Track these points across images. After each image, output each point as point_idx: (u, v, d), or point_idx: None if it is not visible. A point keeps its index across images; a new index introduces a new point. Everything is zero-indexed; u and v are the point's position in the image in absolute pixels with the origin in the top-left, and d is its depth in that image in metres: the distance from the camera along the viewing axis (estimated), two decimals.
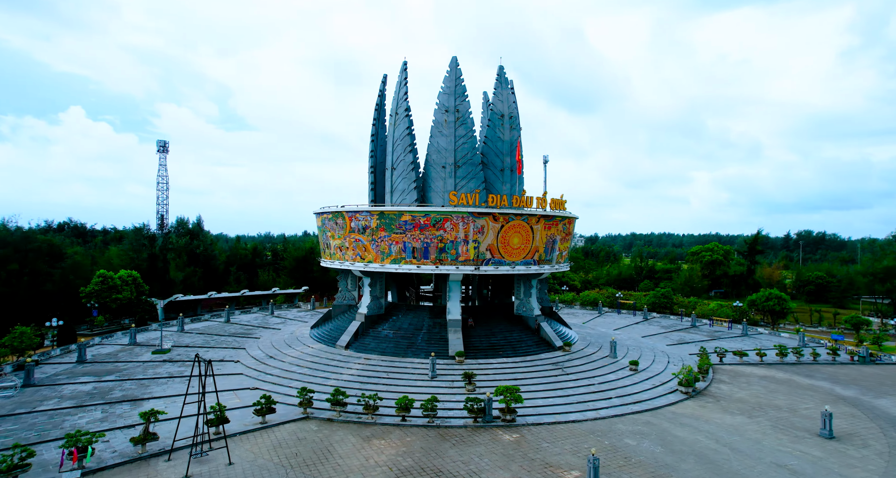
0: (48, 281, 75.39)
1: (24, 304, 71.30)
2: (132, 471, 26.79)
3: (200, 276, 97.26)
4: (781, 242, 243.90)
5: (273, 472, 26.77)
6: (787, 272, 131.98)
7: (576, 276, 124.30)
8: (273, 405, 34.06)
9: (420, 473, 26.88)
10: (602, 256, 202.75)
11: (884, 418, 37.11)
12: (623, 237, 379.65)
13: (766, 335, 68.45)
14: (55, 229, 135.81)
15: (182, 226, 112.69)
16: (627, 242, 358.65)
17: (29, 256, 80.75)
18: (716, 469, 27.91)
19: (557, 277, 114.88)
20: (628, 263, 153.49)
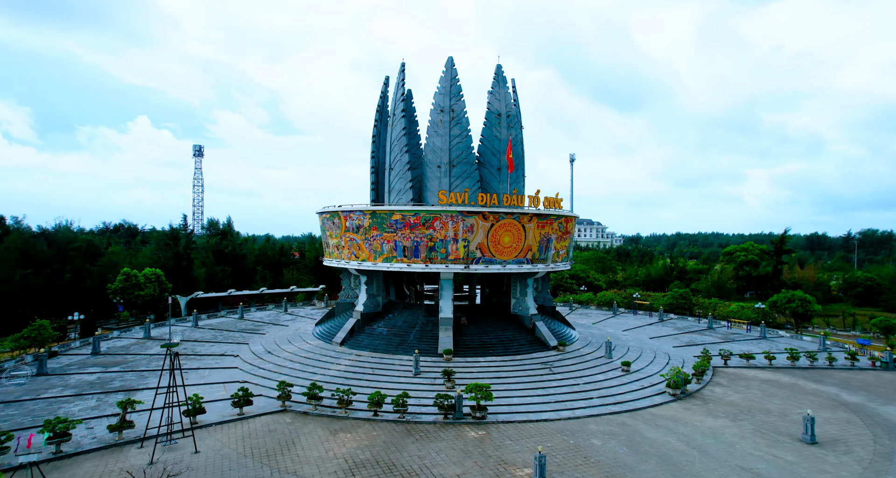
0: (88, 278, 79.95)
1: (62, 299, 76.05)
2: (105, 456, 28.40)
3: (229, 274, 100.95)
4: (840, 241, 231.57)
5: (233, 461, 27.87)
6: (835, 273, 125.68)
7: (601, 276, 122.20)
8: (250, 398, 35.31)
9: (373, 466, 27.43)
10: (635, 255, 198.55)
11: (883, 425, 35.26)
12: (667, 237, 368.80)
13: (787, 338, 65.71)
14: (111, 231, 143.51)
15: (213, 226, 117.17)
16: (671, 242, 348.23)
17: (70, 255, 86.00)
18: (675, 471, 27.31)
19: (581, 278, 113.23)
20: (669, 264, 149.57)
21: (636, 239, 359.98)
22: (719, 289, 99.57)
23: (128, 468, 26.65)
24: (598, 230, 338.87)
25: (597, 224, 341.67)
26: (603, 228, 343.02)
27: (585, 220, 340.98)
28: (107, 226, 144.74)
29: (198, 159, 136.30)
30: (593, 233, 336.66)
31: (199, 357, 49.35)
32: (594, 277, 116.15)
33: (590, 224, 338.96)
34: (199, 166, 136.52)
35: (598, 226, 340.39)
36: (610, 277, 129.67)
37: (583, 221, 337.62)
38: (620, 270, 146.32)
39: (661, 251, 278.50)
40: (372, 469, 26.97)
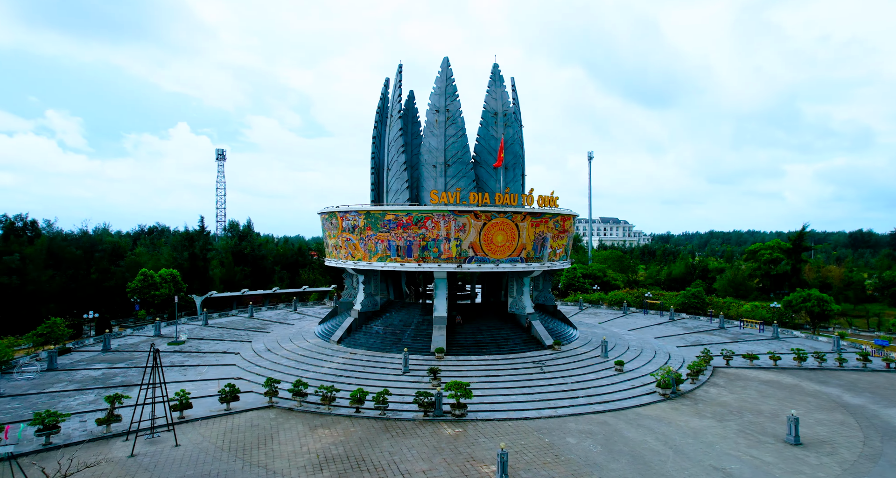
0: (111, 278, 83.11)
1: (86, 298, 79.30)
2: (90, 448, 29.63)
3: (248, 274, 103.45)
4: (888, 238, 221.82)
5: (210, 454, 28.77)
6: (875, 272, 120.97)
7: (619, 276, 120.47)
8: (237, 394, 36.26)
9: (343, 461, 27.96)
10: (660, 254, 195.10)
11: (879, 427, 34.11)
12: (700, 235, 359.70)
13: (802, 339, 63.85)
14: (146, 233, 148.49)
15: (234, 228, 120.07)
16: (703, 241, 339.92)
17: (95, 256, 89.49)
18: (644, 470, 27.04)
19: (598, 277, 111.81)
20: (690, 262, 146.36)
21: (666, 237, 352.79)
22: (737, 288, 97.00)
23: (111, 460, 27.82)
24: (624, 229, 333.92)
25: (623, 222, 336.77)
26: (630, 226, 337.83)
27: (612, 218, 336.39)
28: (142, 228, 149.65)
29: (220, 163, 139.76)
30: (620, 231, 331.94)
31: (202, 354, 50.83)
32: (612, 277, 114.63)
33: (616, 223, 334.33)
34: (222, 170, 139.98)
35: (624, 224, 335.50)
36: (630, 277, 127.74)
37: (609, 219, 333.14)
38: (643, 269, 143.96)
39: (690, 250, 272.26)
40: (341, 464, 27.51)
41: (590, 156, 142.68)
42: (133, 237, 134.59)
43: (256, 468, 26.85)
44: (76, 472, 24.49)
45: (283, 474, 26.34)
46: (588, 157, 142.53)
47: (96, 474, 26.23)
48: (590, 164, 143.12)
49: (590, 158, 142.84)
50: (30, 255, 76.62)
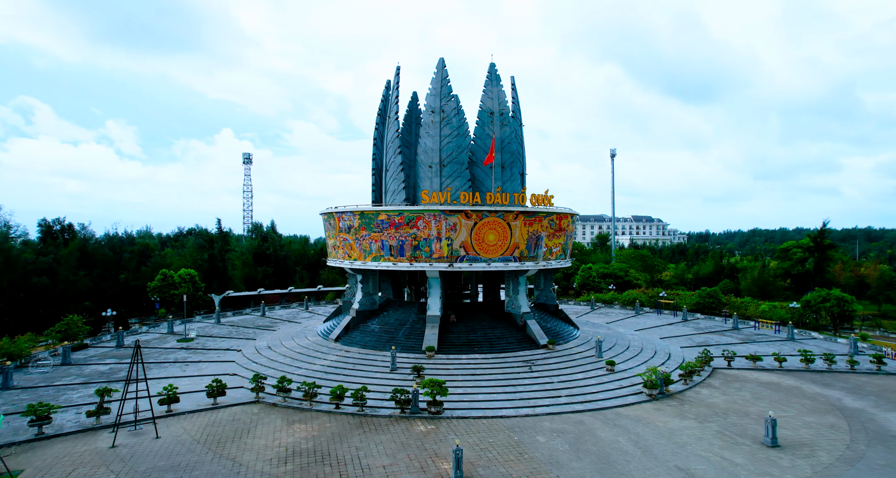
0: (139, 278, 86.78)
1: (114, 297, 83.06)
2: (78, 439, 31.28)
3: (270, 274, 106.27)
4: None
5: (185, 446, 29.96)
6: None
7: (641, 275, 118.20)
8: (224, 389, 37.53)
9: (310, 454, 28.70)
10: (691, 253, 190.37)
11: (871, 431, 32.80)
12: (742, 234, 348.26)
13: (819, 341, 61.59)
14: (185, 234, 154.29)
15: (257, 230, 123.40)
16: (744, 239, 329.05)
17: (124, 257, 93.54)
18: (605, 470, 26.84)
19: (618, 276, 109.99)
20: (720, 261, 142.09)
21: (705, 236, 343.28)
22: (763, 288, 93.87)
23: (93, 450, 29.35)
24: (658, 227, 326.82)
25: (657, 221, 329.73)
26: (664, 225, 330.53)
27: (644, 217, 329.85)
28: (180, 230, 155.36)
29: (247, 167, 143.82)
30: (653, 230, 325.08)
31: (206, 351, 52.67)
32: (634, 276, 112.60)
33: (649, 221, 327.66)
34: (249, 173, 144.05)
35: (658, 223, 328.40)
36: (654, 277, 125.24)
37: (641, 218, 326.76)
38: (672, 268, 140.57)
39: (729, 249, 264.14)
40: (306, 458, 28.26)
41: (612, 153, 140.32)
42: (172, 239, 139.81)
43: (224, 461, 27.86)
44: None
45: (249, 466, 27.26)
46: (611, 154, 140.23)
47: (74, 463, 27.72)
48: (612, 161, 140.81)
49: (612, 155, 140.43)
50: (63, 256, 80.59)
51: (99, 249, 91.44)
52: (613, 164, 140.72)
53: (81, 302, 75.84)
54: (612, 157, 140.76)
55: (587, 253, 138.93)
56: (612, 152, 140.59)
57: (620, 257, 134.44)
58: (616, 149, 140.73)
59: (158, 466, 27.23)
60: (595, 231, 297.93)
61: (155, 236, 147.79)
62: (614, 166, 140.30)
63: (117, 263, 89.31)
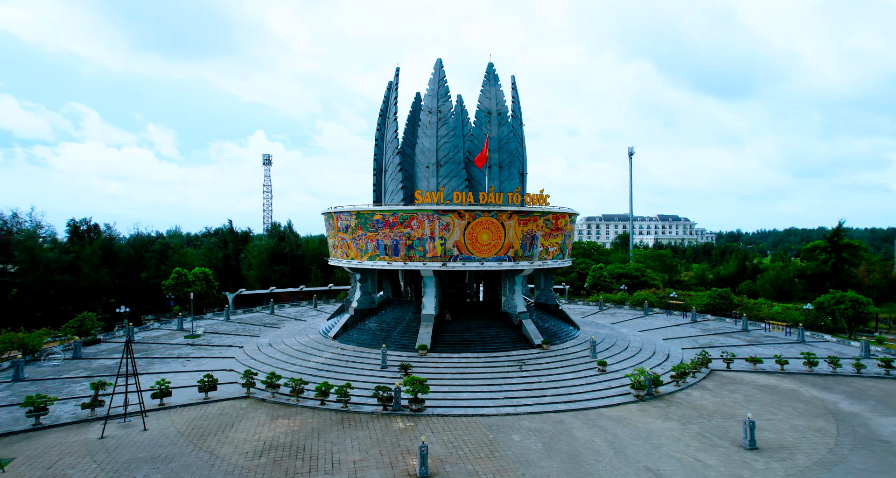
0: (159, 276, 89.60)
1: (135, 294, 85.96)
2: (71, 430, 32.66)
3: (286, 273, 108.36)
4: None
5: (171, 439, 31.02)
6: None
7: (658, 275, 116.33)
8: (215, 384, 38.64)
9: (285, 449, 29.43)
10: (715, 253, 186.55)
11: (860, 435, 31.94)
12: (776, 233, 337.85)
13: (832, 343, 59.91)
14: (212, 234, 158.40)
15: (274, 229, 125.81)
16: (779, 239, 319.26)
17: (145, 256, 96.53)
18: (573, 469, 26.85)
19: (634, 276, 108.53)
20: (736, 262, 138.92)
21: (736, 235, 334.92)
22: (780, 289, 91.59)
23: (82, 441, 30.67)
24: (685, 226, 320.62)
25: (684, 220, 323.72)
26: (691, 224, 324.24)
27: (671, 216, 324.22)
28: (208, 230, 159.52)
29: (267, 168, 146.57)
30: (679, 230, 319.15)
31: (210, 347, 54.13)
32: (650, 277, 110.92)
33: (675, 220, 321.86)
34: (268, 174, 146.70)
35: (685, 222, 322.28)
36: (672, 277, 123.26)
37: (667, 217, 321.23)
38: (696, 267, 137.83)
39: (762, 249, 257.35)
40: (281, 452, 29.00)
41: (630, 152, 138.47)
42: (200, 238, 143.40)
43: (202, 453, 28.78)
44: None
45: (225, 459, 28.12)
46: (629, 152, 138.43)
47: (62, 452, 29.01)
48: (630, 160, 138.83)
49: (630, 153, 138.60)
50: (87, 255, 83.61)
51: (122, 249, 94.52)
52: (631, 162, 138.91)
53: (103, 299, 78.67)
54: (629, 155, 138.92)
55: (605, 253, 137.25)
56: (629, 150, 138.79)
57: (638, 257, 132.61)
58: (634, 147, 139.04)
59: (139, 457, 28.29)
60: (619, 230, 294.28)
61: (183, 236, 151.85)
62: (632, 165, 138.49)
63: (139, 262, 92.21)
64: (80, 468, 26.88)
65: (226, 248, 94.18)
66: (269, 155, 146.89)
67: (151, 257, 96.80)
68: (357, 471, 26.64)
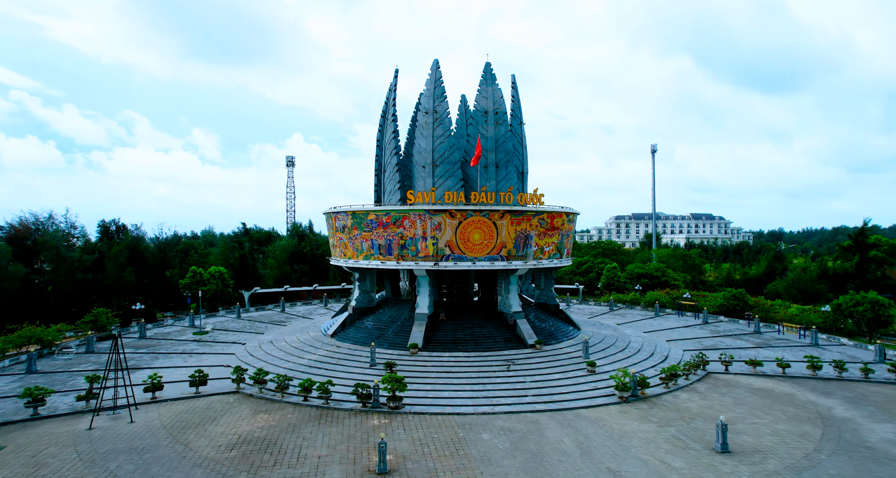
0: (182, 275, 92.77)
1: (157, 292, 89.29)
2: (65, 420, 34.32)
3: (306, 272, 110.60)
4: None
5: (154, 431, 32.28)
6: None
7: (680, 276, 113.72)
8: (206, 379, 39.95)
9: (257, 443, 30.27)
10: (746, 253, 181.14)
11: (845, 441, 30.86)
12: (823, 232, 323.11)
13: (847, 347, 57.70)
14: (243, 234, 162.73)
15: (295, 229, 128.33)
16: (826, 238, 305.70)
17: (169, 255, 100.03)
18: (533, 469, 26.83)
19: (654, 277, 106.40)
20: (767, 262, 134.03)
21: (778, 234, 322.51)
22: (803, 291, 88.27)
23: (71, 431, 32.24)
24: (719, 225, 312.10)
25: (718, 219, 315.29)
26: (727, 222, 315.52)
27: (704, 214, 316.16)
28: (239, 230, 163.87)
29: (290, 169, 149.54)
30: (714, 228, 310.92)
31: (214, 344, 55.83)
32: (671, 277, 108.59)
33: (709, 219, 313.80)
34: (291, 176, 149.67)
35: (719, 221, 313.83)
36: (696, 277, 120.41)
37: (700, 215, 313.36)
38: (726, 267, 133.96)
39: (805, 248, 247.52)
40: (252, 446, 29.85)
41: (653, 149, 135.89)
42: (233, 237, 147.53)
43: (178, 445, 29.88)
44: None
45: (197, 451, 29.13)
46: (651, 150, 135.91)
47: (50, 442, 30.56)
48: (653, 157, 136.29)
49: (653, 151, 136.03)
50: (114, 254, 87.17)
51: (147, 248, 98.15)
52: (654, 159, 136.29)
53: (126, 296, 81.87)
54: (652, 152, 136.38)
55: (625, 253, 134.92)
56: (652, 148, 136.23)
57: (661, 257, 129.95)
58: (657, 144, 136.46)
59: (118, 448, 29.58)
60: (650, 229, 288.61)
61: (217, 235, 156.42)
62: (655, 162, 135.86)
63: (163, 261, 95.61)
64: (61, 458, 28.30)
65: (241, 248, 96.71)
66: (292, 156, 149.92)
67: (175, 257, 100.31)
68: (319, 466, 27.25)
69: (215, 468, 26.81)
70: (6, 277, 61.92)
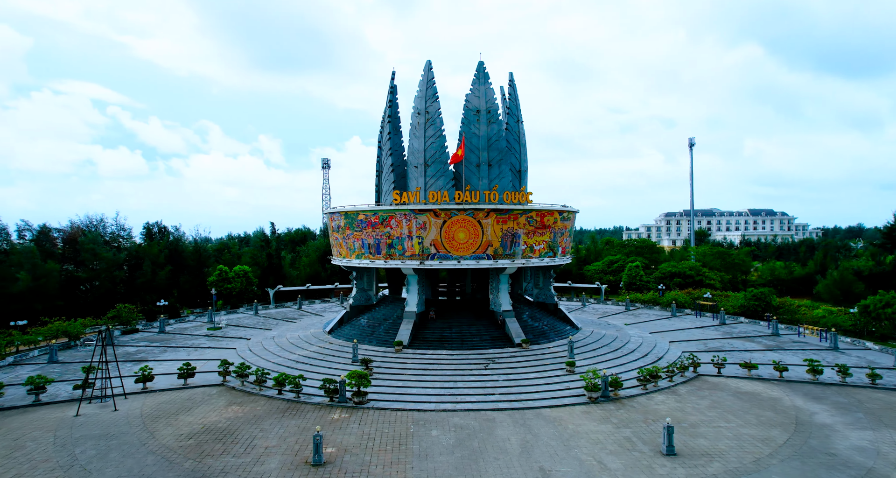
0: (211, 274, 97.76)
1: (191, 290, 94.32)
2: (60, 407, 37.25)
3: (338, 270, 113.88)
4: None
5: (131, 419, 34.62)
6: None
7: (717, 275, 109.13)
8: (194, 372, 42.27)
9: (216, 432, 31.96)
10: (803, 252, 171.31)
11: (808, 447, 29.40)
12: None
13: (873, 351, 54.21)
14: (292, 234, 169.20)
15: (327, 229, 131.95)
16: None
17: (203, 255, 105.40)
18: (466, 466, 27.14)
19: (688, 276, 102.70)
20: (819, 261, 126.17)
21: (857, 231, 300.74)
22: (844, 292, 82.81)
23: (60, 417, 35.09)
24: (781, 222, 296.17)
25: (780, 214, 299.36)
26: (790, 218, 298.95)
27: (763, 210, 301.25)
28: (288, 230, 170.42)
29: (325, 171, 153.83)
30: (775, 225, 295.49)
31: (223, 339, 58.68)
32: (708, 277, 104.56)
33: (769, 215, 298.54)
34: (327, 177, 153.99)
35: (781, 216, 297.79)
36: (737, 276, 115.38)
37: (759, 211, 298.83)
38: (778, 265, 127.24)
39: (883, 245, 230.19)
40: (211, 435, 31.56)
41: (691, 143, 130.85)
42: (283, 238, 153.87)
43: (144, 433, 31.97)
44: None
45: (159, 438, 31.10)
46: (689, 144, 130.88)
47: (36, 426, 33.39)
48: (691, 151, 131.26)
49: (691, 145, 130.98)
50: (154, 254, 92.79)
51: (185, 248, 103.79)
52: (692, 154, 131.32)
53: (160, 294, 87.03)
54: (690, 146, 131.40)
55: (657, 251, 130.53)
56: (690, 142, 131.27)
57: (697, 255, 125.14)
58: (695, 138, 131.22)
59: (92, 434, 31.99)
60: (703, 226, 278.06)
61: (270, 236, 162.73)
62: (693, 157, 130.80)
63: (198, 260, 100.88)
64: (39, 441, 30.92)
65: (269, 247, 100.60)
66: (327, 159, 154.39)
67: (209, 256, 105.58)
68: (262, 456, 28.57)
69: (166, 455, 28.62)
70: (42, 275, 67.20)
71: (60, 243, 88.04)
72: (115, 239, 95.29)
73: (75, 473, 26.58)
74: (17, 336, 54.60)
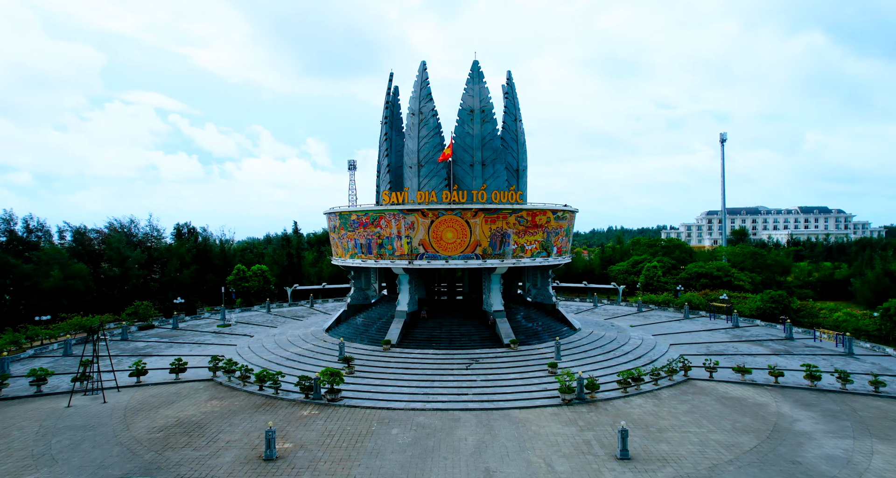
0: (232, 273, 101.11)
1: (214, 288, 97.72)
2: (56, 398, 39.40)
3: None
4: None
5: (115, 411, 36.31)
6: None
7: (747, 276, 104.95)
8: (185, 367, 43.93)
9: (187, 426, 33.13)
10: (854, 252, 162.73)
11: (773, 455, 28.18)
12: None
13: (890, 358, 51.21)
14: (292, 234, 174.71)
15: None
16: None
17: (228, 254, 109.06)
18: (412, 464, 27.32)
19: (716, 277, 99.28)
20: None
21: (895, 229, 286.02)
22: (880, 294, 78.20)
23: (52, 408, 37.20)
24: (836, 219, 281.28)
25: (835, 212, 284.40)
26: (846, 216, 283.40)
27: (817, 207, 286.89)
28: (324, 230, 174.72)
29: (352, 173, 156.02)
30: (830, 223, 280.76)
31: (227, 336, 60.61)
32: (737, 277, 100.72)
33: (823, 212, 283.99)
34: (353, 179, 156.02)
35: (836, 214, 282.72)
36: (769, 278, 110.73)
37: (811, 208, 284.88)
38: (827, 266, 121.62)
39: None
40: (181, 428, 32.77)
41: (722, 138, 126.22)
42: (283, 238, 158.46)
43: (120, 425, 33.48)
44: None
45: (132, 430, 32.56)
46: (720, 139, 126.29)
47: (28, 416, 35.45)
48: (722, 147, 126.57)
49: (722, 140, 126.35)
50: (182, 253, 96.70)
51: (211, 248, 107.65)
52: (723, 149, 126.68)
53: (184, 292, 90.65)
54: (721, 142, 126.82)
55: (686, 251, 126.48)
56: (721, 137, 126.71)
57: (728, 255, 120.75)
58: (727, 133, 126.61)
59: (74, 424, 33.78)
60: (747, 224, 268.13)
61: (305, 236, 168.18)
62: (724, 153, 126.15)
63: (223, 259, 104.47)
64: (25, 430, 32.86)
65: (289, 246, 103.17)
66: (353, 160, 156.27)
67: (234, 255, 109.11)
68: (220, 450, 29.51)
69: (131, 447, 29.95)
70: (71, 275, 71.07)
71: (96, 245, 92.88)
72: (148, 239, 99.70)
73: (44, 461, 28.17)
74: (37, 330, 57.98)
